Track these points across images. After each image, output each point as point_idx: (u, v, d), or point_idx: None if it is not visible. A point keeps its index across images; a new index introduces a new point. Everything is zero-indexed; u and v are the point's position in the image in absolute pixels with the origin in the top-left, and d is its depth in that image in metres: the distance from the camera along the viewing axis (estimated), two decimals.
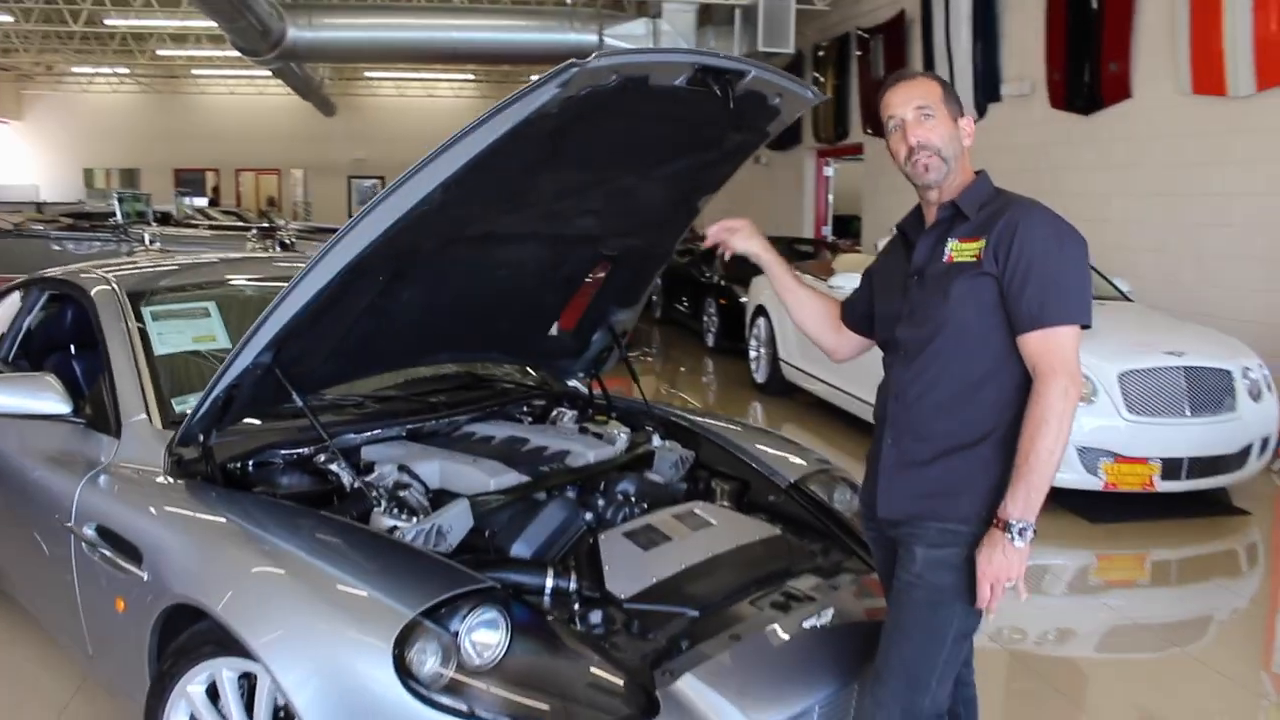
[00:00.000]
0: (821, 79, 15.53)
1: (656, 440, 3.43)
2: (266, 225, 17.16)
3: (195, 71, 28.13)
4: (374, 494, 2.76)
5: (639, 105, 2.51)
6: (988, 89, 11.21)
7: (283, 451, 3.08)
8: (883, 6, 13.76)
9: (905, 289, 2.40)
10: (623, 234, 3.21)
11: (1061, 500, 6.00)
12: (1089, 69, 9.55)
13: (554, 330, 3.63)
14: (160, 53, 23.24)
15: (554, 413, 3.67)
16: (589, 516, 2.86)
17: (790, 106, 2.77)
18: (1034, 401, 2.16)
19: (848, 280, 7.58)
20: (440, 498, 2.95)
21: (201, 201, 25.85)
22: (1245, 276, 8.09)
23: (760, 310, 9.37)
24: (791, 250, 13.13)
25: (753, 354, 9.60)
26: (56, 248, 10.77)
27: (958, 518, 2.26)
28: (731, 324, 10.89)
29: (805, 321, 2.75)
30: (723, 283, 11.53)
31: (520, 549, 2.74)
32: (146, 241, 10.86)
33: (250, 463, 3.03)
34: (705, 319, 11.89)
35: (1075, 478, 5.77)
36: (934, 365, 2.30)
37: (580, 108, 2.36)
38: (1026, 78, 10.46)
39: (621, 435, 3.40)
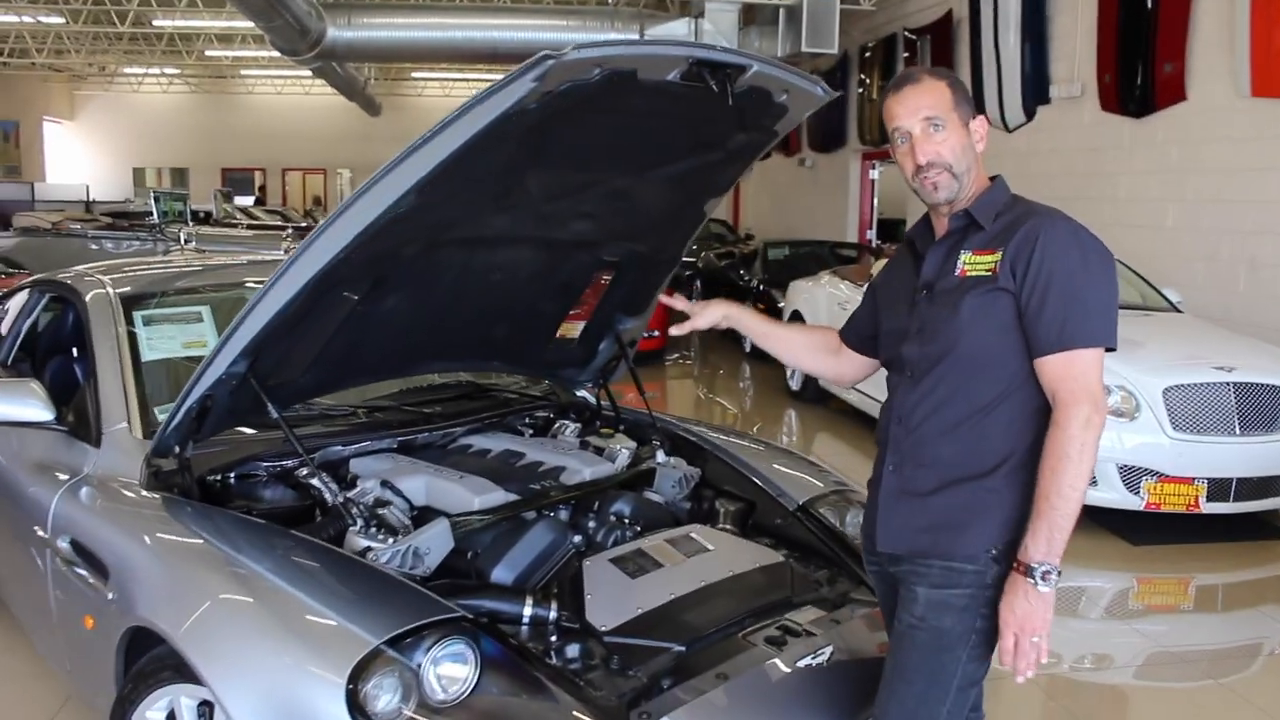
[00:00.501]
0: (868, 80, 15.26)
1: (660, 456, 3.25)
2: (305, 225, 17.18)
3: (243, 72, 28.38)
4: (352, 512, 2.62)
5: (629, 102, 2.34)
6: (1036, 91, 10.89)
7: (265, 464, 2.96)
8: (930, 7, 13.47)
9: (913, 304, 2.21)
10: (623, 238, 3.04)
11: (1101, 520, 5.74)
12: (1142, 70, 9.23)
13: (556, 339, 3.46)
14: (208, 53, 23.44)
15: (556, 425, 3.51)
16: (577, 539, 2.69)
17: (799, 104, 2.58)
18: (1054, 433, 1.97)
19: None
20: (425, 515, 2.81)
21: (247, 200, 26.05)
22: None
23: (796, 315, 9.16)
24: (833, 255, 12.90)
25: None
26: (94, 247, 10.81)
27: (964, 555, 2.07)
28: None
29: (797, 358, 2.58)
30: (761, 286, 11.33)
31: (502, 573, 2.59)
32: (182, 241, 10.85)
33: (232, 475, 2.91)
34: None
35: (1116, 497, 5.52)
36: (942, 387, 2.10)
37: (561, 104, 2.20)
38: (1076, 80, 10.16)
39: (623, 451, 3.23)
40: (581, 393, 3.79)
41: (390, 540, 2.52)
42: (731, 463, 3.25)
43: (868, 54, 15.27)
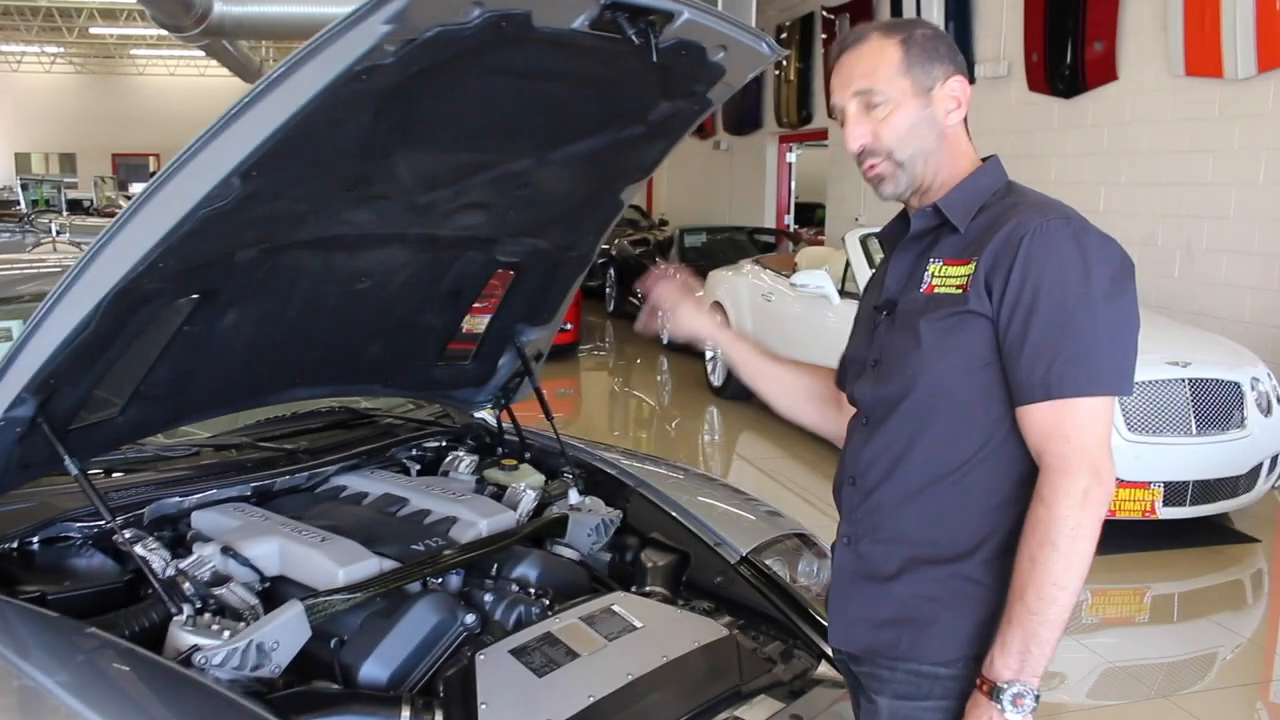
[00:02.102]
0: (784, 62, 14.82)
1: (574, 496, 2.69)
2: None
3: (133, 52, 27.02)
4: (181, 592, 2.04)
5: (523, 57, 1.78)
6: None
7: (79, 525, 2.34)
8: None
9: (873, 327, 1.74)
10: (522, 234, 2.47)
11: None
12: (1071, 49, 8.89)
13: (446, 355, 2.88)
14: (92, 30, 22.14)
15: (449, 458, 2.93)
16: (470, 619, 2.11)
17: (739, 65, 2.03)
18: (1037, 509, 1.49)
19: (812, 278, 6.89)
20: (280, 588, 2.23)
21: (139, 187, 24.78)
22: (1241, 273, 7.47)
23: (717, 306, 8.64)
24: (752, 241, 12.46)
25: (709, 354, 8.87)
26: None
27: (935, 657, 1.59)
28: None
29: (795, 407, 2.04)
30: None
31: (374, 669, 2.01)
32: (53, 233, 9.94)
33: (34, 541, 2.30)
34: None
35: None
36: (901, 438, 1.63)
37: (430, 58, 1.64)
38: (1003, 58, 9.80)
39: (528, 492, 2.66)
40: (481, 414, 3.20)
41: (227, 634, 1.93)
42: (659, 502, 2.69)
43: (784, 33, 14.84)
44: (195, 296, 2.11)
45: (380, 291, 2.43)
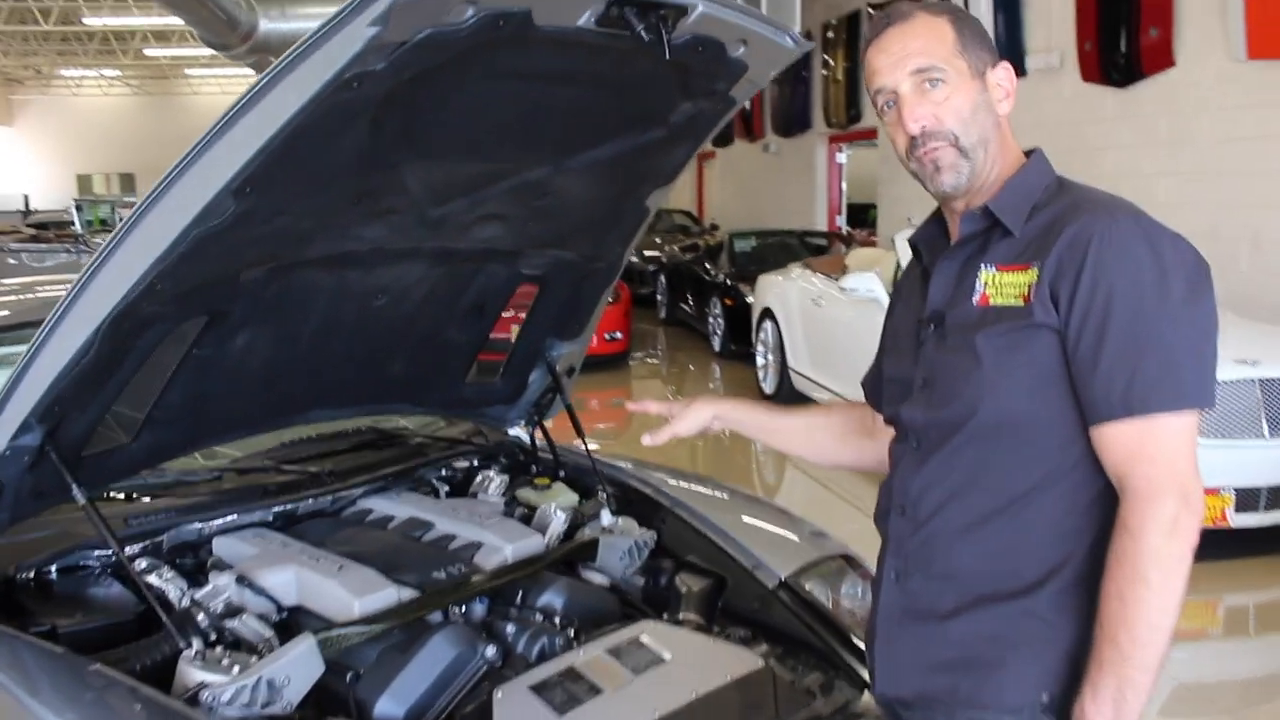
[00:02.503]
0: (831, 61, 14.63)
1: (606, 518, 2.57)
2: None
3: (186, 72, 27.44)
4: (194, 625, 1.97)
5: (528, 60, 1.68)
6: (1011, 63, 10.25)
7: (97, 554, 2.28)
8: None
9: (918, 343, 1.59)
10: (545, 245, 2.37)
11: None
12: (1125, 36, 8.61)
13: (475, 371, 2.79)
14: (146, 52, 22.50)
15: (479, 478, 2.83)
16: (490, 652, 2.00)
17: (762, 60, 1.92)
18: (1123, 541, 1.34)
19: (861, 281, 6.72)
20: (297, 619, 2.15)
21: None
22: None
23: (767, 313, 8.50)
24: (803, 244, 12.28)
25: (760, 360, 8.73)
26: (12, 261, 9.99)
27: (1000, 703, 1.45)
28: (738, 326, 9.99)
29: (823, 451, 1.94)
30: (728, 281, 10.66)
31: (389, 706, 1.92)
32: None
33: (52, 570, 2.24)
34: (710, 321, 11.02)
35: None
36: (960, 467, 1.48)
37: (426, 62, 1.54)
38: (1055, 49, 9.54)
39: (558, 514, 2.55)
40: (515, 430, 3.10)
41: (236, 669, 1.85)
42: (695, 523, 2.57)
43: (830, 32, 14.65)
44: (203, 319, 2.04)
45: (399, 308, 2.34)
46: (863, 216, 17.28)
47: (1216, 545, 5.10)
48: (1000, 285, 1.45)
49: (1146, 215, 1.42)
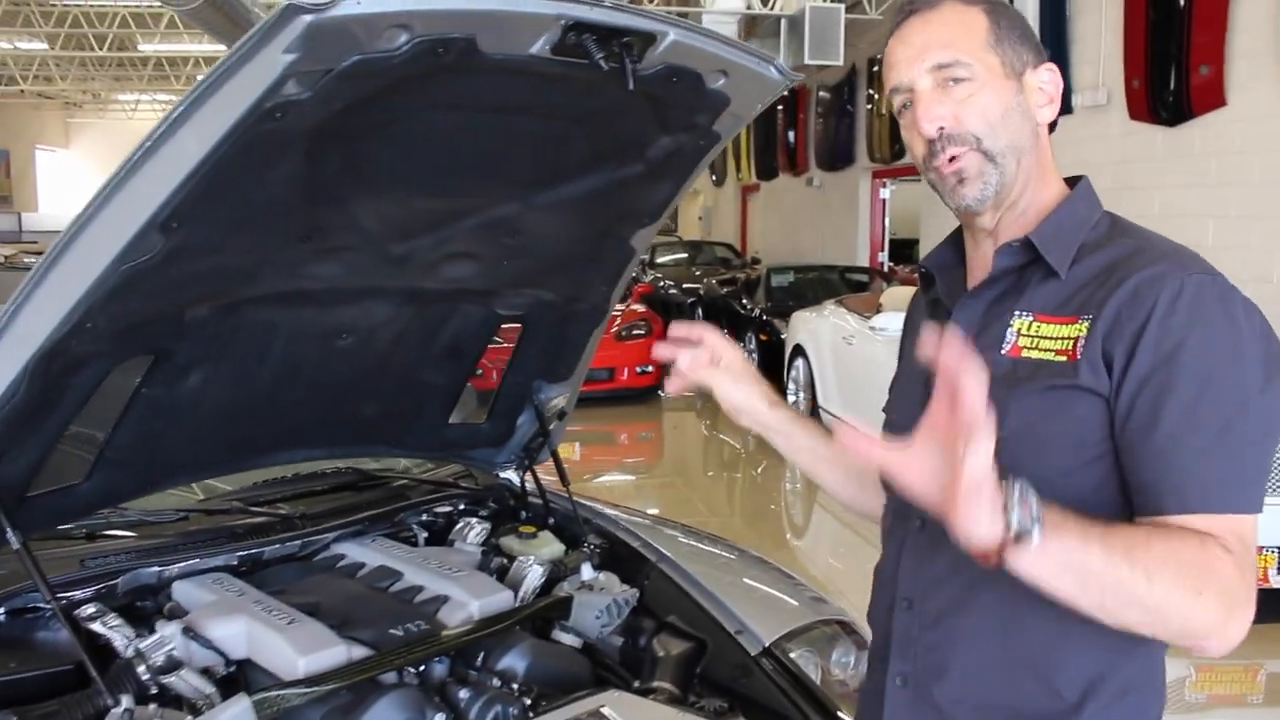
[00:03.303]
0: (875, 95, 14.48)
1: (587, 572, 2.43)
2: None
3: None
4: (133, 679, 1.86)
5: (479, 90, 1.56)
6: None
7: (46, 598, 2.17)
8: None
9: (927, 393, 1.34)
10: (522, 285, 2.24)
11: None
12: (1175, 74, 8.40)
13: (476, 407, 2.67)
14: (198, 78, 22.82)
15: (460, 524, 2.70)
16: None
17: (745, 92, 1.78)
18: (1202, 540, 1.11)
19: (892, 320, 6.55)
20: (247, 674, 2.03)
21: None
22: None
23: (799, 350, 8.35)
24: (843, 280, 12.10)
25: (790, 398, 8.56)
26: None
27: None
28: (772, 362, 9.82)
29: (856, 498, 1.63)
30: (764, 316, 10.51)
31: None
32: None
33: (1, 612, 2.14)
34: (745, 356, 10.84)
35: None
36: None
37: (355, 92, 1.42)
38: (1102, 86, 9.33)
39: (535, 568, 2.42)
40: (508, 473, 2.97)
41: None
42: (681, 581, 2.42)
43: (876, 67, 14.51)
44: (148, 357, 1.94)
45: (367, 348, 2.23)
46: (907, 253, 17.07)
47: (1258, 607, 4.91)
48: (1037, 337, 1.24)
49: (1221, 275, 1.21)
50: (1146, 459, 1.16)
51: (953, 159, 1.29)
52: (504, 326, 2.45)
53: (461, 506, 2.82)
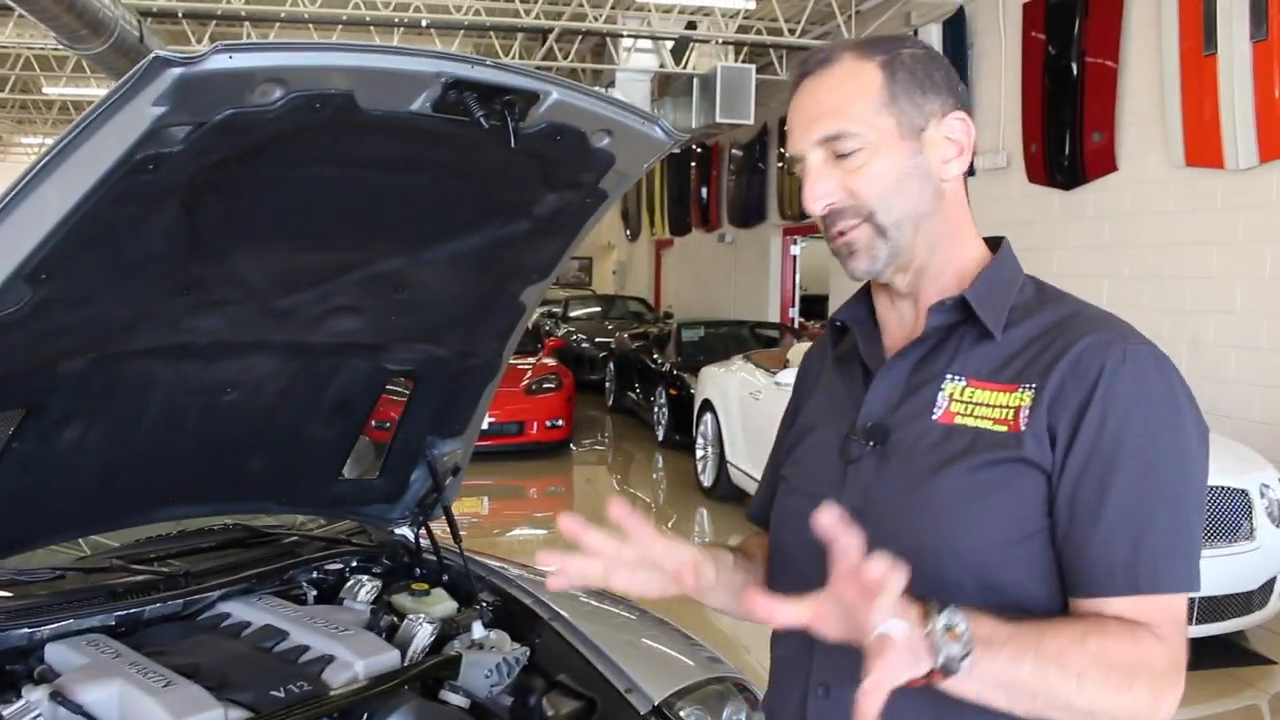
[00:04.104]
0: (786, 153, 14.75)
1: (478, 630, 2.40)
2: None
3: None
4: None
5: (361, 146, 1.55)
6: None
7: None
8: None
9: (844, 459, 1.26)
10: (411, 340, 2.23)
11: None
12: (1070, 140, 8.71)
13: (348, 470, 2.62)
14: None
15: (351, 582, 2.65)
16: None
17: (630, 151, 1.80)
18: (1131, 630, 1.08)
19: (793, 376, 6.61)
20: None
21: None
22: (1250, 370, 7.16)
23: (707, 405, 8.38)
24: (753, 335, 12.21)
25: (699, 453, 8.58)
26: None
27: None
28: (683, 416, 9.86)
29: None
30: (674, 371, 10.55)
31: None
32: None
33: None
34: (655, 410, 10.88)
35: None
36: None
37: (231, 146, 1.40)
38: (1002, 149, 9.64)
39: (425, 627, 2.38)
40: (402, 529, 2.92)
41: None
42: (572, 639, 2.40)
43: (786, 126, 14.79)
44: (19, 411, 1.88)
45: (252, 403, 2.19)
46: (818, 309, 17.31)
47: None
48: (972, 404, 1.18)
49: (1152, 343, 1.18)
50: (1092, 539, 1.11)
51: (841, 233, 1.23)
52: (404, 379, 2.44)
53: (354, 564, 2.78)
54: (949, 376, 1.21)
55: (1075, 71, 8.61)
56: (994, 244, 1.31)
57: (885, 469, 1.21)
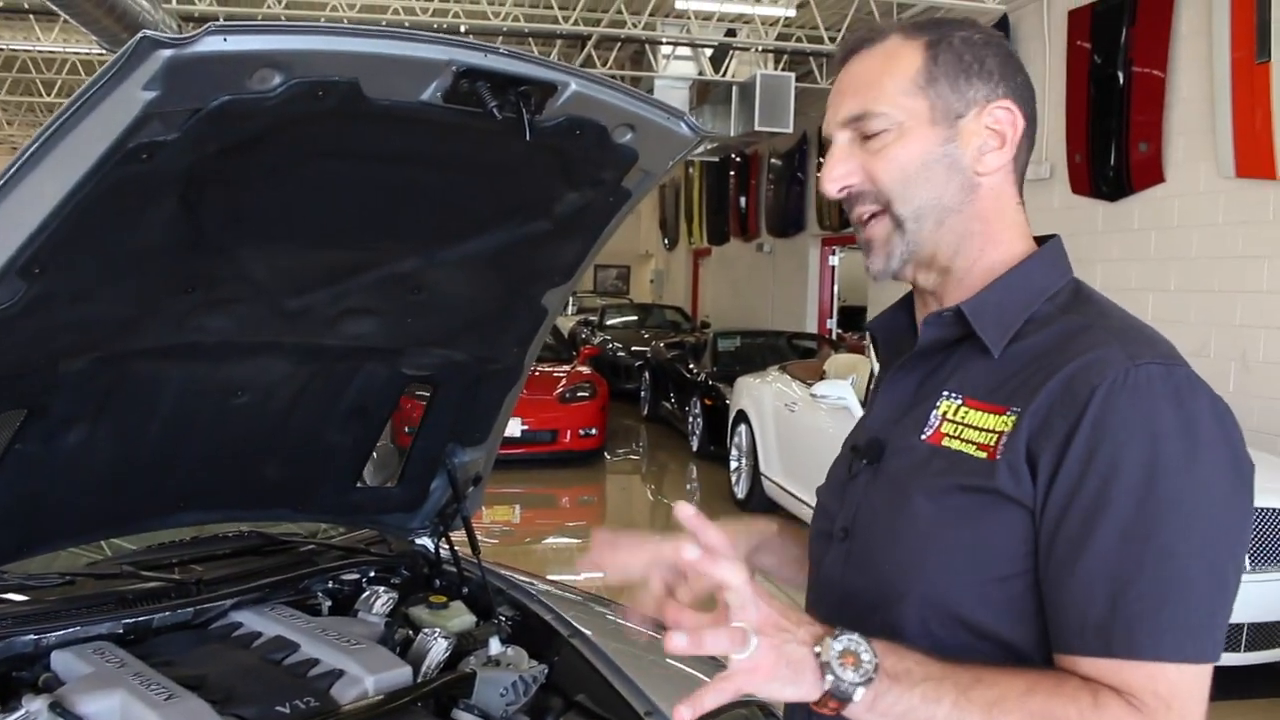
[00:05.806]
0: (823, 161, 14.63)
1: (494, 646, 2.31)
2: None
3: None
4: None
5: (368, 137, 1.48)
6: None
7: None
8: None
9: (848, 475, 1.20)
10: (429, 344, 2.15)
11: None
12: (1115, 150, 8.54)
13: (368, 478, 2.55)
14: None
15: (367, 593, 2.57)
16: None
17: (654, 148, 1.72)
18: (1086, 693, 0.96)
19: (833, 389, 6.50)
20: None
21: None
22: None
23: (742, 415, 8.27)
24: (790, 346, 12.09)
25: (733, 464, 8.47)
26: None
27: None
28: (717, 426, 9.75)
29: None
30: (709, 381, 10.45)
31: None
32: None
33: None
34: (690, 420, 10.78)
35: None
36: None
37: (229, 135, 1.33)
38: (1045, 160, 9.47)
39: (440, 641, 2.30)
40: (423, 540, 2.85)
41: None
42: (592, 658, 2.31)
43: None
44: (20, 411, 1.82)
45: (265, 407, 2.12)
46: (856, 320, 17.16)
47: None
48: (963, 425, 1.07)
49: (1184, 362, 1.02)
50: (1068, 588, 0.99)
51: (861, 219, 1.15)
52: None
53: (371, 574, 2.70)
54: (946, 393, 1.11)
55: (1121, 80, 8.45)
56: (1043, 241, 1.20)
57: (873, 489, 1.15)
